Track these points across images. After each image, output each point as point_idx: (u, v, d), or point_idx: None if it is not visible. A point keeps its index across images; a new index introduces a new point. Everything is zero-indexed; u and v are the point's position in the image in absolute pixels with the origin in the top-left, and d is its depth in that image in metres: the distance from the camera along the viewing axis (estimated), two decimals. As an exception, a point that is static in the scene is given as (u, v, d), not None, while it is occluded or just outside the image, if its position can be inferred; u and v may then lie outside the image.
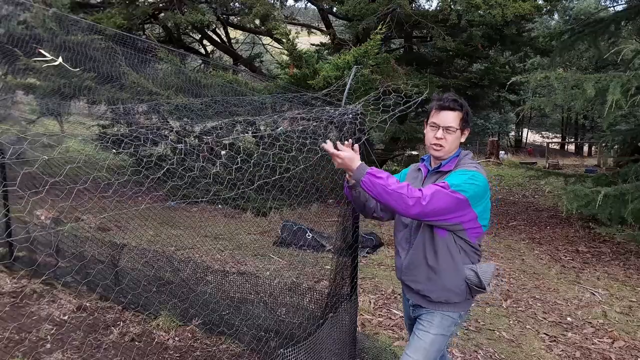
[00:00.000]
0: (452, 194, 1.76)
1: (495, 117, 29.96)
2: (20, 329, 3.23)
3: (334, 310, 2.57)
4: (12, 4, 6.73)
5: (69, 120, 7.69)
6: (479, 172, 1.86)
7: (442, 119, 1.90)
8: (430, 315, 1.97)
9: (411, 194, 1.73)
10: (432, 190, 1.75)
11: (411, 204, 1.72)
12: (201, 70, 11.12)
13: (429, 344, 1.94)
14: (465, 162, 1.93)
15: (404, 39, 11.51)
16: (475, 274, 1.90)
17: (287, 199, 5.90)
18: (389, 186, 1.73)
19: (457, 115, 1.90)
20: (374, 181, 1.75)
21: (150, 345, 3.14)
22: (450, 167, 1.93)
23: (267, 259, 5.28)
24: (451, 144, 1.92)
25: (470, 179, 1.81)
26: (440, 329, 1.95)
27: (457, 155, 1.96)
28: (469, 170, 1.85)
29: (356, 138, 2.12)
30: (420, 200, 1.72)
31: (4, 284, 4.06)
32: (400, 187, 1.74)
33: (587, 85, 5.07)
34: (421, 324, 1.99)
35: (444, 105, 1.90)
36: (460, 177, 1.81)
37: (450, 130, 1.89)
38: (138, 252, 3.95)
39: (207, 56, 13.42)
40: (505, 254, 5.95)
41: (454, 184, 1.77)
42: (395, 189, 1.72)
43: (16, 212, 4.40)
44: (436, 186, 1.78)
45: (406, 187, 1.75)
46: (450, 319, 1.96)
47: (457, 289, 1.92)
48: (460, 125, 1.91)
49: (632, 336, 3.59)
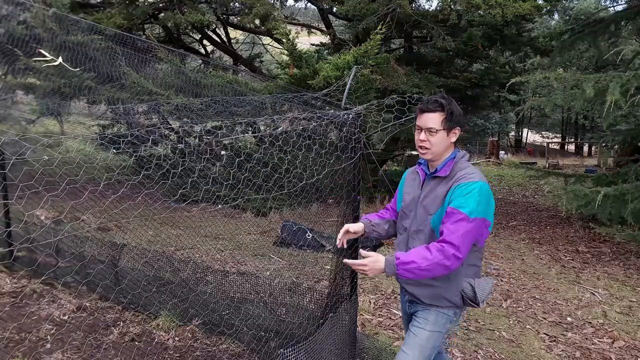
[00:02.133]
0: (473, 222, 1.77)
1: (495, 117, 29.94)
2: (20, 329, 3.23)
3: (334, 310, 2.57)
4: (12, 4, 6.73)
5: (69, 120, 7.70)
6: (480, 180, 1.84)
7: (423, 121, 1.91)
8: (426, 312, 1.99)
9: (446, 254, 1.73)
10: (458, 235, 1.74)
11: (449, 264, 1.74)
12: (201, 70, 11.11)
13: (424, 341, 1.95)
14: (462, 167, 1.91)
15: (404, 39, 11.50)
16: (472, 288, 1.90)
17: (287, 199, 5.90)
18: (422, 265, 1.74)
19: (438, 116, 1.88)
20: (408, 269, 1.76)
21: (150, 345, 3.14)
22: (447, 171, 1.91)
23: (267, 259, 5.28)
24: (436, 146, 1.90)
25: (479, 196, 1.79)
26: (435, 326, 1.97)
27: (453, 158, 1.94)
28: (473, 183, 1.82)
29: (356, 138, 2.12)
30: (456, 254, 1.74)
31: (4, 284, 4.06)
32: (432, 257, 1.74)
33: (587, 86, 5.07)
34: (417, 321, 2.01)
35: (424, 108, 1.91)
36: (470, 198, 1.79)
37: (431, 132, 1.88)
38: (138, 252, 3.95)
39: (207, 56, 13.41)
40: (505, 254, 5.95)
41: (471, 211, 1.76)
42: (430, 262, 1.74)
43: (16, 212, 4.40)
44: (457, 224, 1.76)
45: (435, 252, 1.75)
46: (446, 317, 1.97)
47: (451, 298, 1.93)
48: (443, 125, 1.88)
49: (632, 336, 3.59)
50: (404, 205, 2.07)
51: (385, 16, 8.24)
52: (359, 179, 2.52)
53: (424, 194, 1.97)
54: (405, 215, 2.04)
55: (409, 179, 2.12)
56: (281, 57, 8.63)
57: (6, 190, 4.30)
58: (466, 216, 1.76)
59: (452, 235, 1.74)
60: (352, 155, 2.44)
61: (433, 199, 1.92)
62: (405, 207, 2.06)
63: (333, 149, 2.62)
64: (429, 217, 1.91)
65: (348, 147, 2.42)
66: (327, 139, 2.22)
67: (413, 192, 2.04)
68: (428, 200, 1.94)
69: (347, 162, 2.46)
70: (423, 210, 1.95)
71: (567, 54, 12.09)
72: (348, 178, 2.49)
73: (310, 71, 6.73)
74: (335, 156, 2.52)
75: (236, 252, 5.51)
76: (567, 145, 32.84)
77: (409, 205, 2.04)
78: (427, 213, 1.92)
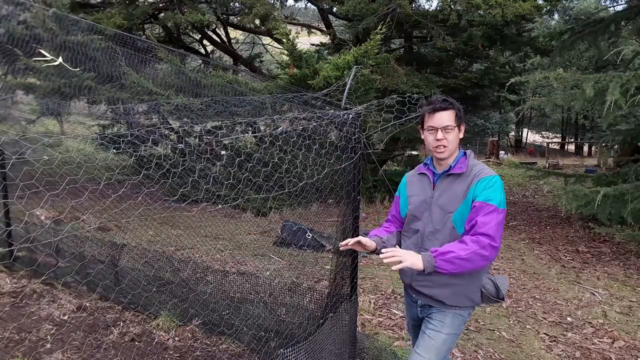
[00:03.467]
0: (502, 212, 1.82)
1: (495, 117, 29.95)
2: (20, 329, 3.24)
3: (334, 310, 2.57)
4: (12, 4, 6.73)
5: (69, 120, 7.70)
6: (495, 174, 1.90)
7: (437, 121, 1.92)
8: (442, 314, 1.97)
9: (482, 245, 1.76)
10: (492, 226, 1.78)
11: (487, 253, 1.76)
12: (201, 70, 11.11)
13: (440, 344, 1.94)
14: (475, 163, 1.97)
15: (404, 39, 11.51)
16: (494, 283, 1.93)
17: (287, 199, 5.90)
18: (461, 254, 1.76)
19: (451, 113, 1.93)
20: (447, 259, 1.77)
21: (150, 345, 3.14)
22: (463, 168, 1.93)
23: (267, 259, 5.28)
24: (452, 143, 1.93)
25: (500, 187, 1.86)
26: (452, 329, 1.96)
27: (464, 155, 1.98)
28: (493, 177, 1.88)
29: (356, 138, 2.12)
30: (492, 244, 1.77)
31: (4, 284, 4.06)
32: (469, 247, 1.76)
33: (587, 86, 5.07)
34: (432, 324, 1.98)
35: (436, 107, 1.93)
36: (495, 191, 1.84)
37: (448, 129, 1.91)
38: (138, 252, 3.95)
39: (207, 56, 13.42)
40: (505, 254, 5.95)
41: (500, 202, 1.82)
42: (470, 252, 1.76)
43: (16, 212, 4.40)
44: (490, 215, 1.80)
45: (471, 243, 1.77)
46: (462, 318, 1.98)
47: (472, 296, 1.94)
48: (456, 122, 1.94)
49: (632, 336, 3.59)
50: (412, 208, 2.04)
51: (385, 16, 8.24)
52: (359, 179, 2.52)
53: (438, 193, 1.96)
54: (416, 218, 2.02)
55: (412, 182, 2.10)
56: (281, 57, 8.63)
57: (6, 190, 4.30)
58: (496, 207, 1.81)
59: (485, 226, 1.78)
60: (352, 155, 2.44)
61: (450, 196, 1.92)
62: (414, 209, 2.03)
63: (333, 149, 2.62)
64: (449, 214, 1.90)
65: (348, 147, 2.42)
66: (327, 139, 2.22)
67: (423, 194, 2.01)
68: (444, 199, 1.93)
69: (347, 162, 2.46)
70: (440, 210, 1.93)
71: (567, 54, 12.09)
72: (348, 178, 2.49)
73: (310, 71, 6.73)
74: (335, 156, 2.52)
75: (236, 252, 5.51)
76: (567, 145, 32.84)
77: (419, 207, 2.01)
78: (446, 211, 1.91)
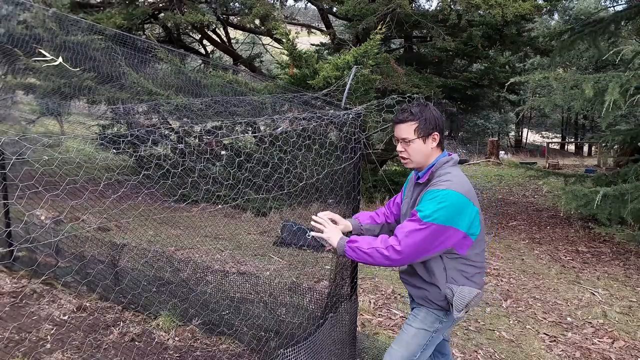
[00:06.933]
0: (425, 227, 1.72)
1: (495, 117, 29.96)
2: (20, 329, 3.23)
3: (334, 310, 2.57)
4: (12, 4, 6.73)
5: (69, 120, 7.70)
6: (449, 188, 1.76)
7: (397, 132, 1.93)
8: (417, 309, 2.03)
9: (386, 244, 1.75)
10: (404, 231, 1.75)
11: (387, 254, 1.74)
12: (201, 70, 11.11)
13: (410, 337, 1.98)
14: (439, 174, 1.85)
15: (404, 39, 11.51)
16: (452, 295, 1.87)
17: (287, 199, 5.90)
18: (363, 247, 1.78)
19: (409, 125, 1.87)
20: (352, 247, 1.81)
21: (150, 345, 3.14)
22: (425, 178, 1.91)
23: (267, 259, 5.28)
24: (415, 155, 1.90)
25: (440, 203, 1.73)
26: (422, 324, 1.98)
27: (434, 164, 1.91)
28: (439, 190, 1.77)
29: (356, 138, 2.13)
30: (394, 247, 1.73)
31: (4, 284, 4.06)
32: (375, 243, 1.77)
33: (586, 86, 5.07)
34: (408, 318, 2.06)
35: (395, 119, 1.93)
36: (431, 203, 1.75)
37: (406, 142, 1.89)
38: (138, 252, 3.95)
39: (207, 56, 13.42)
40: (505, 254, 5.95)
41: (425, 215, 1.73)
42: (371, 247, 1.76)
43: (16, 212, 4.40)
44: (411, 222, 1.77)
45: (380, 240, 1.78)
46: (435, 316, 1.98)
47: (436, 301, 1.95)
48: (417, 134, 1.86)
49: (632, 336, 3.59)
50: (402, 208, 2.12)
51: (385, 16, 8.24)
52: (359, 179, 2.52)
53: (413, 199, 2.00)
54: (404, 218, 2.08)
55: (409, 183, 2.15)
56: (281, 57, 8.63)
57: (6, 190, 4.30)
58: (418, 218, 1.74)
59: (399, 230, 1.78)
60: (352, 155, 2.44)
61: (413, 205, 1.96)
62: (403, 209, 2.11)
63: (333, 149, 2.62)
64: None
65: (348, 147, 2.43)
66: (327, 139, 2.22)
67: (409, 196, 2.07)
68: (410, 206, 2.00)
69: (347, 162, 2.46)
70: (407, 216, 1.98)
71: (567, 54, 12.10)
72: (348, 178, 2.49)
73: (310, 71, 6.73)
74: (335, 156, 2.52)
75: (236, 252, 5.51)
76: (567, 145, 32.83)
77: (404, 208, 2.09)
78: None
